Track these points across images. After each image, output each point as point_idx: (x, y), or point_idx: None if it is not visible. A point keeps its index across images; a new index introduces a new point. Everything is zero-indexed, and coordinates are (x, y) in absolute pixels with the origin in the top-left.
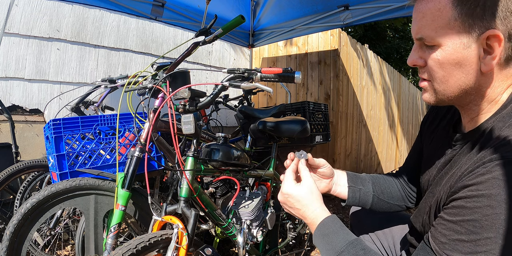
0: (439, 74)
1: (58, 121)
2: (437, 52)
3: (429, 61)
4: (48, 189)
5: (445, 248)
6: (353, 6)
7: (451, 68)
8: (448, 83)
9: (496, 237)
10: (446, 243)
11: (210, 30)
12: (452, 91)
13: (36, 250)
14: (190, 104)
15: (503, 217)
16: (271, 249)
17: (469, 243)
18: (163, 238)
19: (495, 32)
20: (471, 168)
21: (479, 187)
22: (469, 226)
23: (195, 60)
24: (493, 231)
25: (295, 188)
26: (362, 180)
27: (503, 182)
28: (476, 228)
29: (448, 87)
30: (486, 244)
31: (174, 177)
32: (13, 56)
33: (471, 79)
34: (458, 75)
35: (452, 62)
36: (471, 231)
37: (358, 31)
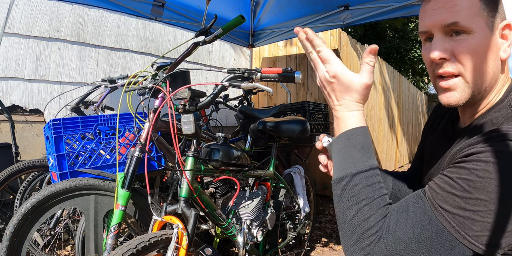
0: (473, 62)
1: (58, 121)
2: (470, 39)
3: (462, 49)
4: (48, 189)
5: (437, 198)
6: (353, 6)
7: (484, 53)
8: (482, 70)
9: (486, 200)
10: (439, 193)
11: (210, 30)
12: (484, 80)
13: (36, 250)
14: (190, 104)
15: (496, 183)
16: (271, 249)
17: (460, 198)
18: (163, 238)
19: (509, 22)
20: (474, 142)
21: (479, 155)
22: (463, 184)
23: (195, 60)
24: (484, 194)
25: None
26: (384, 176)
27: (501, 154)
28: (470, 187)
29: (481, 76)
30: (475, 204)
31: (174, 177)
32: (13, 56)
33: (498, 66)
34: (490, 60)
35: (485, 48)
36: (464, 189)
37: (358, 31)
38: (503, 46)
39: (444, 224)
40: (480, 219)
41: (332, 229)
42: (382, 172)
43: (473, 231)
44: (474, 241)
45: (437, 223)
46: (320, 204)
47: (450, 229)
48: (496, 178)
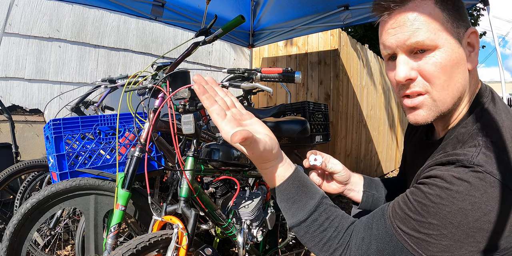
0: (440, 80)
1: (58, 121)
2: (436, 56)
3: (427, 68)
4: (48, 189)
5: (396, 218)
6: (353, 6)
7: (451, 69)
8: (449, 87)
9: (438, 225)
10: (398, 214)
11: (210, 30)
12: (452, 97)
13: (36, 250)
14: (190, 104)
15: (448, 209)
16: (271, 249)
17: (414, 221)
18: (163, 238)
19: (473, 29)
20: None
21: (436, 179)
22: (418, 207)
23: (195, 60)
24: (437, 219)
25: None
26: (376, 185)
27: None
28: (424, 211)
29: (449, 93)
30: (428, 228)
31: (174, 177)
32: (13, 56)
33: (466, 78)
34: (457, 76)
35: (452, 63)
36: (419, 213)
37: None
38: (470, 56)
39: (403, 243)
40: (435, 241)
41: None
42: (375, 182)
43: (430, 251)
44: None
45: (396, 241)
46: None
47: (409, 247)
48: (448, 205)
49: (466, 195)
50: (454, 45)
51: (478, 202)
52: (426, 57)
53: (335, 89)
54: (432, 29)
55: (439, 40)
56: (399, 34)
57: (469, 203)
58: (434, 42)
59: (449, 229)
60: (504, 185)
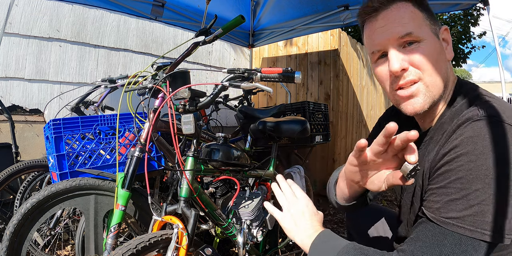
0: (429, 65)
1: (58, 121)
2: (422, 46)
3: (418, 56)
4: (48, 189)
5: (440, 212)
6: (353, 6)
7: (437, 57)
8: (437, 72)
9: (484, 187)
10: (440, 207)
11: (210, 30)
12: (441, 81)
13: (36, 250)
14: (190, 104)
15: (485, 167)
16: (271, 249)
17: (461, 200)
18: (163, 238)
19: (445, 26)
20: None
21: (456, 150)
22: (457, 185)
23: (195, 60)
24: (480, 182)
25: None
26: None
27: (475, 138)
28: (464, 184)
29: (438, 77)
30: (477, 197)
31: (174, 177)
32: (13, 56)
33: (447, 66)
34: (442, 63)
35: (436, 52)
36: (460, 188)
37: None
38: (447, 49)
39: (459, 231)
40: (488, 208)
41: (332, 229)
42: None
43: (488, 223)
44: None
45: (451, 234)
46: (320, 204)
47: (467, 232)
48: (482, 163)
49: (494, 146)
50: (434, 39)
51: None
52: (414, 48)
53: (335, 89)
54: (417, 24)
55: (423, 33)
56: (391, 29)
57: (499, 151)
58: (420, 34)
59: (494, 184)
60: None
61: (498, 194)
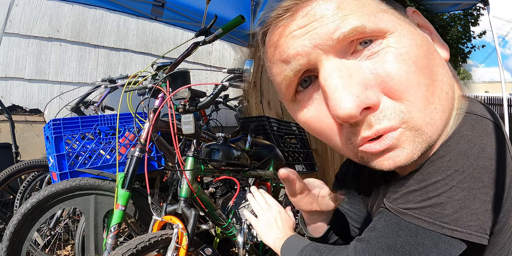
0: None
1: (58, 121)
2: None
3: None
4: (48, 189)
5: (398, 203)
6: None
7: (427, 61)
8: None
9: (444, 179)
10: (398, 198)
11: (210, 30)
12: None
13: (36, 250)
14: (190, 104)
15: (447, 158)
16: (271, 249)
17: (419, 191)
18: (163, 238)
19: (412, 8)
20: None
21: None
22: (417, 176)
23: (195, 60)
24: (440, 173)
25: None
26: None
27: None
28: (424, 175)
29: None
30: (436, 188)
31: (174, 177)
32: (13, 56)
33: (449, 73)
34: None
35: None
36: (420, 180)
37: None
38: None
39: (416, 223)
40: (448, 200)
41: None
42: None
43: (447, 216)
44: (453, 226)
45: (407, 225)
46: None
47: (424, 224)
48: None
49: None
50: (408, 26)
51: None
52: (377, 49)
53: None
54: (369, 11)
55: (384, 22)
56: (317, 29)
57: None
58: (378, 25)
59: (456, 178)
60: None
61: (459, 188)
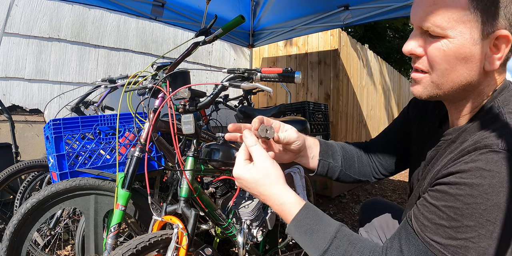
0: (441, 67)
1: (58, 121)
2: (443, 43)
3: (432, 51)
4: (48, 189)
5: (426, 231)
6: (353, 6)
7: (455, 62)
8: (449, 76)
9: (475, 225)
10: (428, 226)
11: (210, 30)
12: (450, 86)
13: (36, 250)
14: (190, 104)
15: (483, 207)
16: (271, 249)
17: (449, 229)
18: (163, 238)
19: (504, 32)
20: (456, 157)
21: (462, 175)
22: (450, 213)
23: (195, 60)
24: (473, 220)
25: (246, 170)
26: (333, 153)
27: (485, 172)
28: (457, 215)
29: (447, 81)
30: (466, 232)
31: (174, 177)
32: (13, 56)
33: (474, 76)
34: (461, 70)
35: (458, 57)
36: (452, 218)
37: (358, 31)
38: (491, 57)
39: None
40: (473, 245)
41: None
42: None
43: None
44: None
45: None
46: (320, 204)
47: None
48: (482, 202)
49: (500, 188)
50: (468, 41)
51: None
52: (434, 42)
53: (335, 89)
54: (448, 18)
55: (451, 31)
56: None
57: (504, 195)
58: (444, 31)
59: (486, 228)
60: None
61: (487, 237)
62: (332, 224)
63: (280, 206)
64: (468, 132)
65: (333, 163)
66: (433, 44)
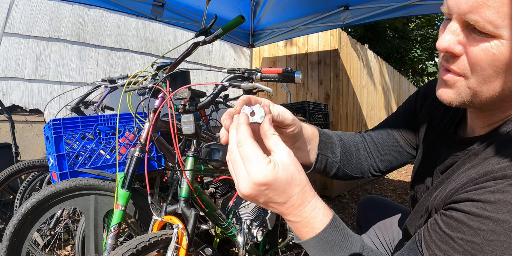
0: (485, 72)
1: (58, 121)
2: (493, 45)
3: (477, 53)
4: (48, 189)
5: None
6: (353, 6)
7: (505, 69)
8: (491, 84)
9: (482, 242)
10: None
11: (210, 30)
12: (491, 95)
13: (36, 250)
14: (190, 104)
15: (506, 245)
16: (271, 249)
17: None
18: (163, 238)
19: None
20: (480, 180)
21: (486, 207)
22: (468, 247)
23: (195, 60)
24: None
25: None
26: (332, 145)
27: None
28: (476, 250)
29: (488, 90)
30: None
31: (174, 177)
32: (13, 56)
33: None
34: (508, 78)
35: (509, 62)
36: (470, 253)
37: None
38: None
39: None
40: None
41: None
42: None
43: None
44: None
45: None
46: None
47: None
48: (505, 240)
49: None
50: None
51: None
52: (479, 40)
53: (335, 89)
54: (504, 13)
55: (505, 30)
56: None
57: None
58: (497, 30)
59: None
60: None
61: None
62: (356, 239)
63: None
64: (495, 148)
65: (331, 158)
66: (480, 44)
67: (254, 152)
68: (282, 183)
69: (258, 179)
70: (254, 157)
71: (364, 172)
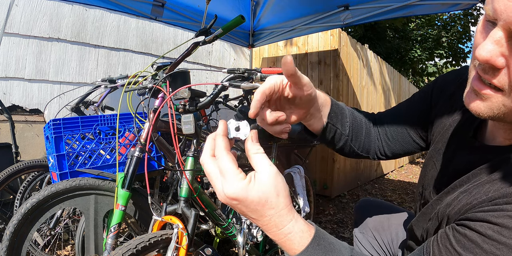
0: None
1: (58, 121)
2: None
3: None
4: (48, 189)
5: None
6: (353, 6)
7: None
8: None
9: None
10: None
11: (210, 30)
12: None
13: (36, 250)
14: (190, 104)
15: None
16: (271, 249)
17: None
18: (163, 238)
19: None
20: (499, 201)
21: (503, 232)
22: None
23: (195, 60)
24: None
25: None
26: (342, 117)
27: None
28: None
29: None
30: None
31: (174, 177)
32: (13, 56)
33: None
34: None
35: None
36: None
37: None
38: None
39: None
40: None
41: (332, 229)
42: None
43: None
44: None
45: None
46: (320, 204)
47: None
48: None
49: None
50: None
51: None
52: None
53: (335, 89)
54: None
55: None
56: None
57: None
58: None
59: None
60: None
61: None
62: (342, 251)
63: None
64: None
65: (340, 130)
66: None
67: (228, 168)
68: (253, 203)
69: (228, 193)
70: (227, 173)
71: (370, 153)
